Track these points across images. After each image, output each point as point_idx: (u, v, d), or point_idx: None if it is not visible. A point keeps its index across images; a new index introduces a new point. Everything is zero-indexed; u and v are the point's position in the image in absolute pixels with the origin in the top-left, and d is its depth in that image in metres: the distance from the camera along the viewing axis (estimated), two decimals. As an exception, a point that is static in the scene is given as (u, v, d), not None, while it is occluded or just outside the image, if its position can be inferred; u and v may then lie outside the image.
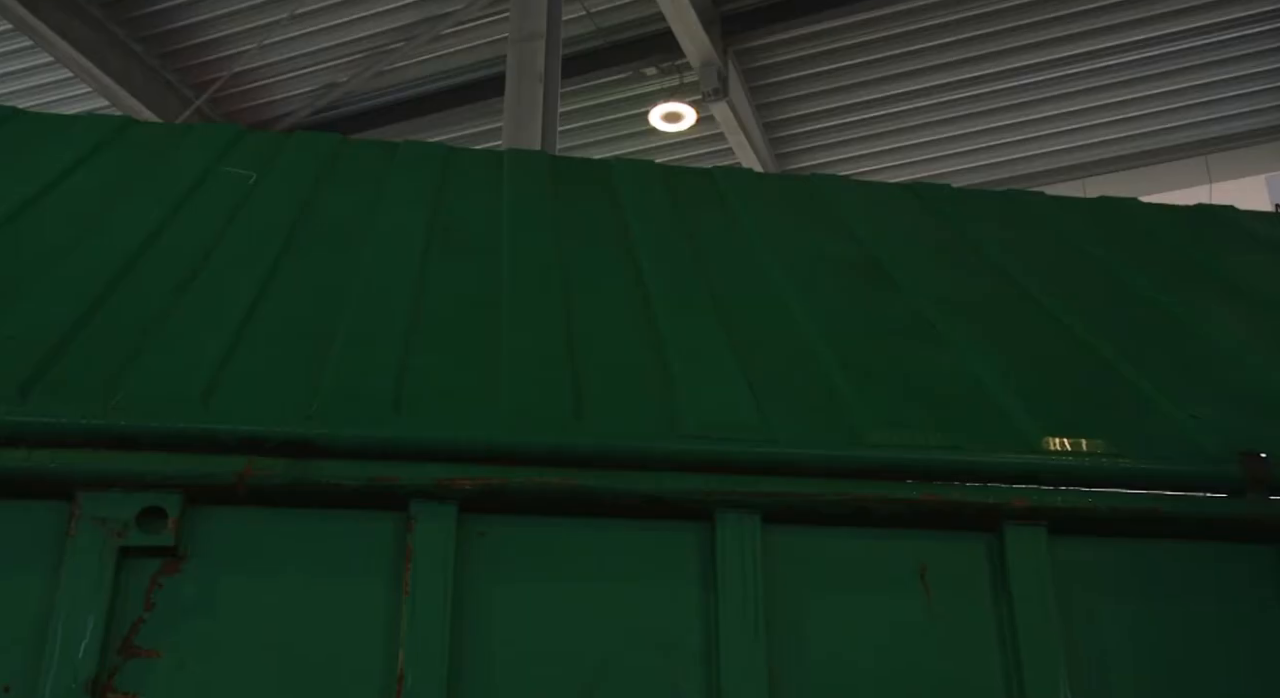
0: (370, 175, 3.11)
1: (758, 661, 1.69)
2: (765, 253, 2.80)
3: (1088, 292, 2.79)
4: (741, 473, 1.83)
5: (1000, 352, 2.35)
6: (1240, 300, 2.82)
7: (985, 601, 1.80)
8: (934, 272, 2.82)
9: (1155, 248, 3.15)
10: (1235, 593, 1.86)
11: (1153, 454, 1.97)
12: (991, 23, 11.80)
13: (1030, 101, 12.51)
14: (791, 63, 12.37)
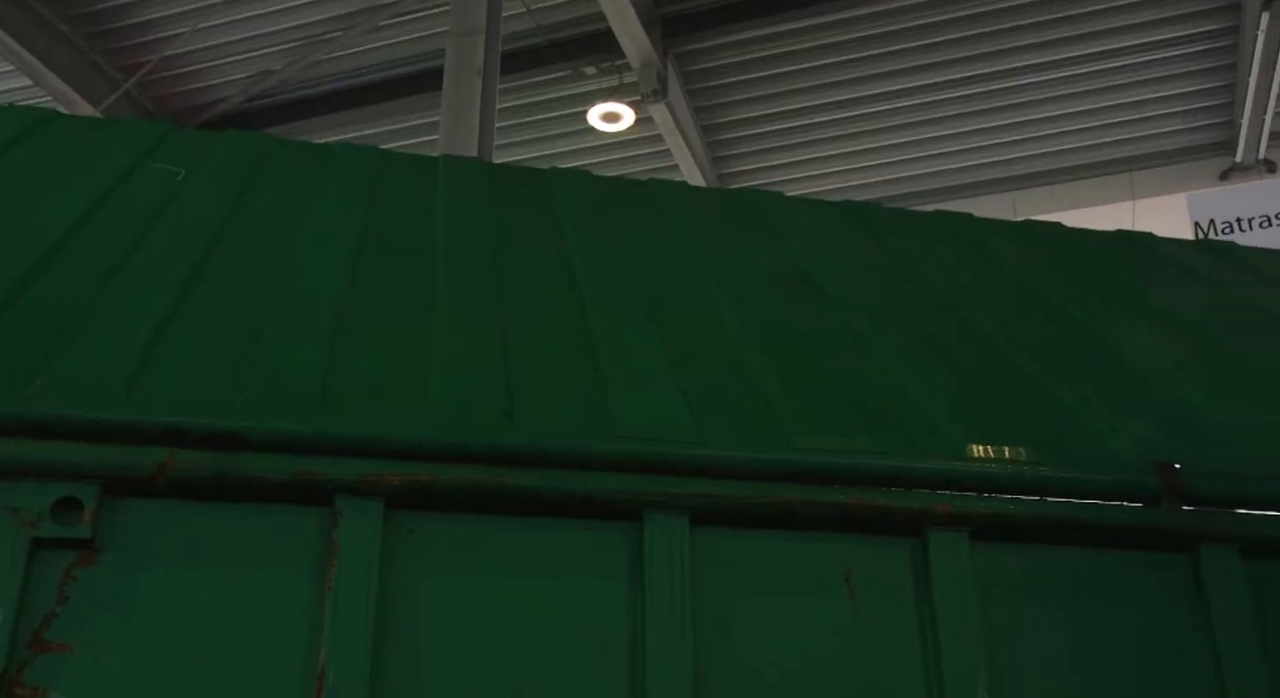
0: (302, 176, 3.07)
1: (683, 660, 1.69)
2: (698, 263, 2.82)
3: (1012, 309, 2.86)
4: (671, 474, 1.84)
5: (927, 363, 2.40)
6: (1158, 321, 2.92)
7: (908, 604, 1.83)
8: (864, 285, 2.88)
9: (1078, 270, 3.23)
10: (1149, 600, 1.91)
11: (1072, 463, 2.01)
12: (925, 36, 11.98)
13: (962, 115, 12.71)
14: (731, 67, 12.44)
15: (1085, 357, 2.58)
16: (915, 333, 2.60)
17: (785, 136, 13.09)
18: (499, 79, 9.51)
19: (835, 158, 13.27)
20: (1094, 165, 12.91)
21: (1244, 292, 3.19)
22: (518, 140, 12.74)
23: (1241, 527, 1.96)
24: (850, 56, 12.19)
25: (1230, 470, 2.06)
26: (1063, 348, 2.61)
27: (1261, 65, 10.98)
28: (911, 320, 2.68)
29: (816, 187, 13.62)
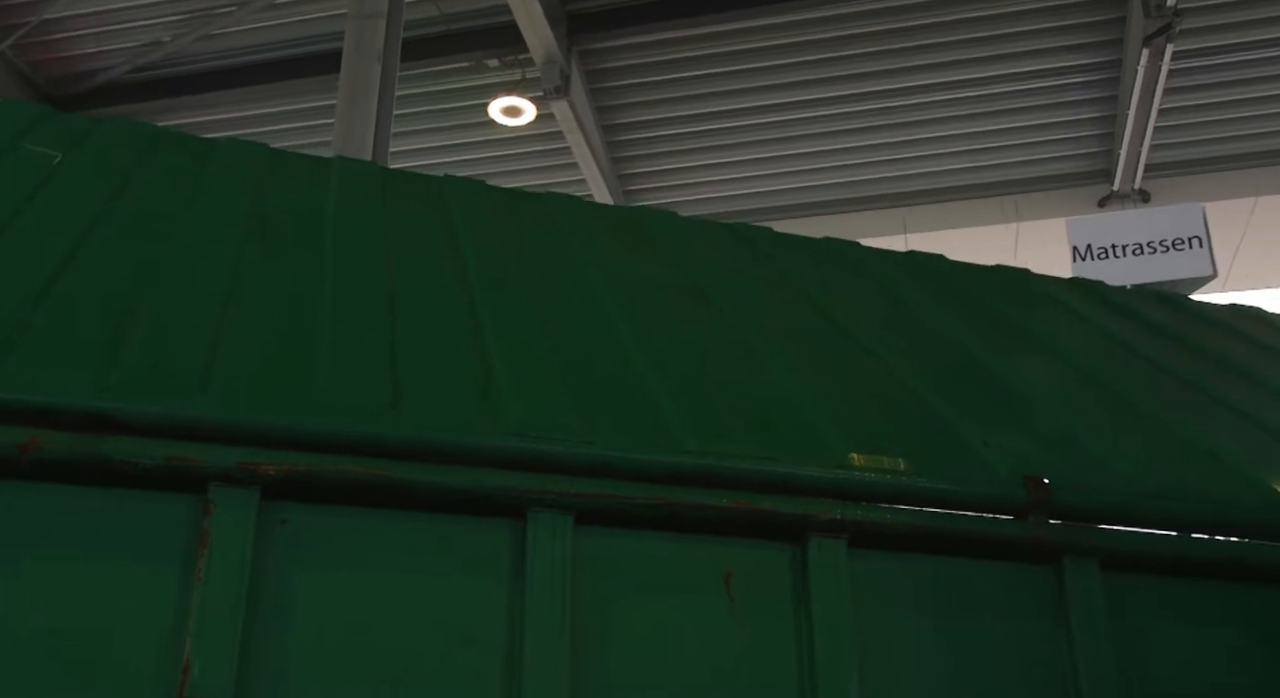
0: (188, 166, 2.97)
1: (561, 660, 1.69)
2: (592, 273, 2.82)
3: (897, 331, 2.95)
4: (557, 473, 1.83)
5: (814, 376, 2.45)
6: (1032, 350, 3.07)
7: (786, 608, 1.85)
8: (754, 301, 2.94)
9: (959, 298, 3.35)
10: (1016, 609, 1.97)
11: (948, 476, 2.06)
12: (825, 51, 12.19)
13: (857, 130, 12.97)
14: (634, 68, 12.48)
15: (965, 379, 2.68)
16: (803, 348, 2.66)
17: (684, 141, 13.19)
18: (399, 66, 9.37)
19: (732, 165, 13.42)
20: (980, 186, 13.31)
21: (1110, 325, 3.36)
22: (416, 129, 12.57)
23: (1102, 541, 2.04)
24: (752, 66, 12.34)
25: (1095, 487, 2.14)
26: (944, 370, 2.71)
27: (1140, 99, 11.46)
28: (799, 336, 2.74)
29: (712, 193, 13.75)
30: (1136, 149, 12.20)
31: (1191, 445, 2.47)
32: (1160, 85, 11.32)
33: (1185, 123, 12.47)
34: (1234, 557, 2.10)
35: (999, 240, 13.36)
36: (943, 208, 13.36)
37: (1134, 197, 12.78)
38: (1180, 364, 3.07)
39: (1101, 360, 3.02)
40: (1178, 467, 2.35)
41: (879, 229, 13.44)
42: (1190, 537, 2.12)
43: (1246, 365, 3.16)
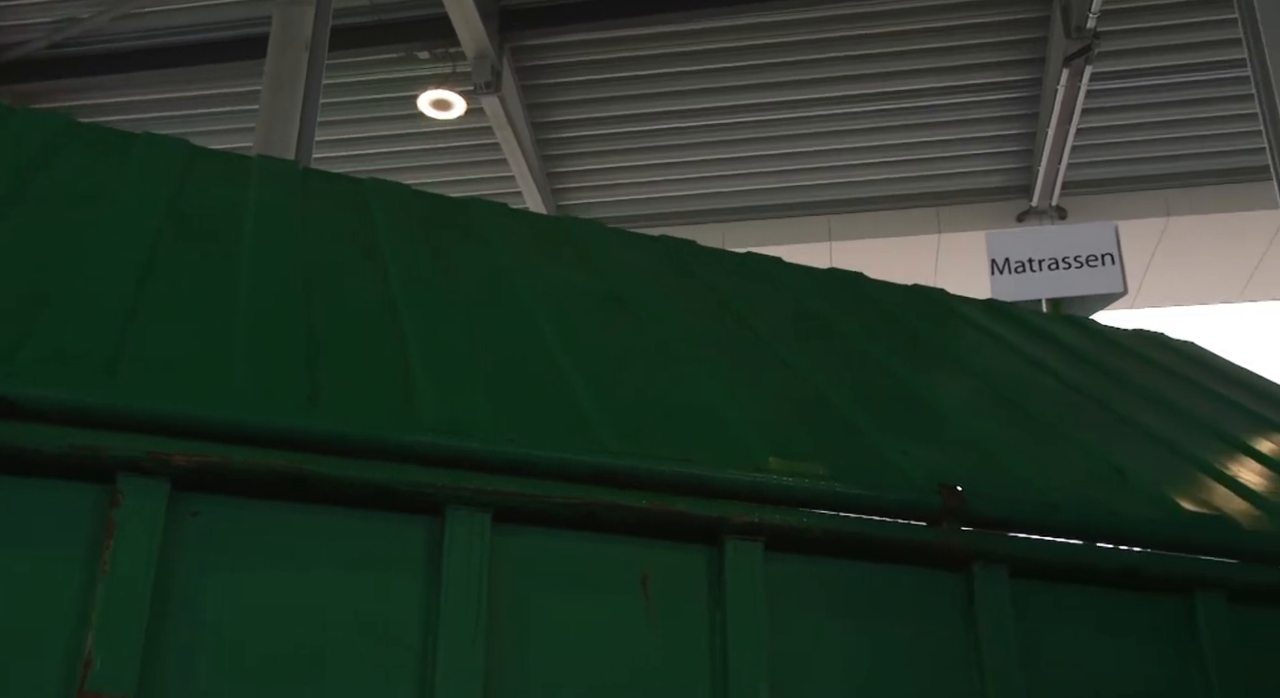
0: (104, 159, 2.88)
1: (475, 658, 1.67)
2: (515, 277, 2.81)
3: (817, 343, 3.00)
4: (476, 470, 1.82)
5: (733, 383, 2.47)
6: (948, 366, 3.13)
7: (701, 610, 1.86)
8: (676, 310, 2.97)
9: (877, 315, 3.42)
10: (927, 614, 2.01)
11: (864, 482, 2.09)
12: (757, 57, 12.29)
13: (784, 137, 13.10)
14: (566, 67, 12.45)
15: (882, 392, 2.73)
16: (723, 356, 2.69)
17: (614, 142, 13.20)
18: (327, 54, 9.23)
19: (660, 168, 13.46)
20: (904, 197, 13.53)
21: (1022, 345, 3.47)
22: (343, 119, 12.39)
23: (1012, 549, 2.08)
24: (683, 69, 12.38)
25: (1006, 496, 2.19)
26: (861, 383, 2.76)
27: (1059, 118, 11.74)
28: (720, 345, 2.78)
29: (640, 194, 13.78)
30: (1055, 166, 12.51)
31: (1098, 460, 2.55)
32: (1079, 105, 11.61)
33: (1102, 143, 12.81)
34: (1135, 567, 2.16)
35: (922, 250, 13.60)
36: (867, 217, 13.56)
37: (1051, 213, 13.11)
38: (1088, 384, 3.18)
39: (1014, 378, 3.11)
40: (1085, 479, 2.42)
41: (804, 236, 13.60)
42: (1095, 546, 2.18)
43: (1149, 386, 3.28)
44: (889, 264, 13.77)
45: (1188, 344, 4.09)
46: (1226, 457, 2.79)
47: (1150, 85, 12.34)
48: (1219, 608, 2.15)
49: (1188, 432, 2.92)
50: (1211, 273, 13.81)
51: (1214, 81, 12.00)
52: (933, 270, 13.93)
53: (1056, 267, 6.80)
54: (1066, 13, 11.06)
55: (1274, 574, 2.25)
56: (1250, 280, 13.89)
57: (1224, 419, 3.12)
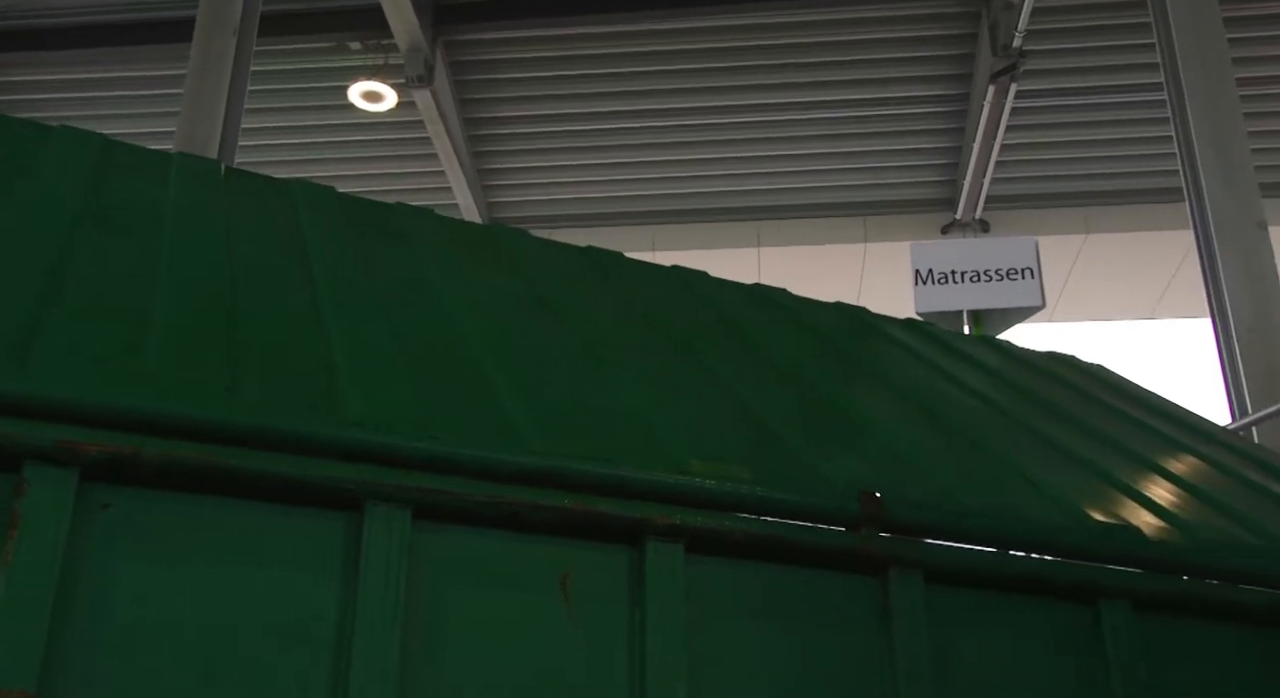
0: (18, 149, 2.79)
1: (391, 657, 1.65)
2: (440, 279, 2.79)
3: (739, 354, 3.04)
4: (396, 466, 1.80)
5: (657, 389, 2.48)
6: (869, 379, 3.21)
7: (621, 611, 1.86)
8: (601, 317, 2.98)
9: (800, 329, 3.47)
10: (844, 619, 2.03)
11: (785, 487, 2.11)
12: (693, 62, 12.34)
13: (714, 142, 13.17)
14: (501, 63, 12.38)
15: (804, 402, 2.77)
16: (648, 363, 2.71)
17: (547, 140, 13.16)
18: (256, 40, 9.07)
19: (593, 168, 13.46)
20: (832, 206, 13.69)
21: (941, 362, 3.54)
22: (271, 107, 12.18)
23: (927, 555, 2.12)
24: (619, 70, 12.40)
25: (923, 504, 2.23)
26: (784, 393, 2.80)
27: (984, 133, 11.98)
28: (644, 352, 2.79)
29: (572, 194, 13.76)
30: (979, 180, 12.76)
31: (1012, 472, 2.60)
32: (1003, 121, 11.86)
33: (1025, 159, 13.09)
34: (1045, 574, 2.21)
35: (849, 258, 13.77)
36: (796, 224, 13.70)
37: (975, 226, 13.36)
38: (1003, 401, 3.27)
39: (933, 394, 3.17)
40: (999, 490, 2.47)
41: (733, 241, 13.70)
42: (1008, 554, 2.22)
43: (1060, 404, 3.38)
44: (816, 271, 13.93)
45: (1097, 367, 4.25)
46: (1133, 472, 2.87)
47: (1073, 105, 12.64)
48: (1124, 616, 2.21)
49: (1096, 448, 3.01)
50: (1126, 290, 14.20)
51: (1133, 104, 12.34)
52: (859, 278, 14.13)
53: (978, 279, 6.93)
54: (994, 31, 11.30)
55: (1176, 584, 2.31)
56: (1162, 299, 14.30)
57: (1131, 437, 3.23)
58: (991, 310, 6.93)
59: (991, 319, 6.97)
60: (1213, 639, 2.31)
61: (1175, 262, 13.03)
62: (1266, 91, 12.07)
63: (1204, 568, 2.37)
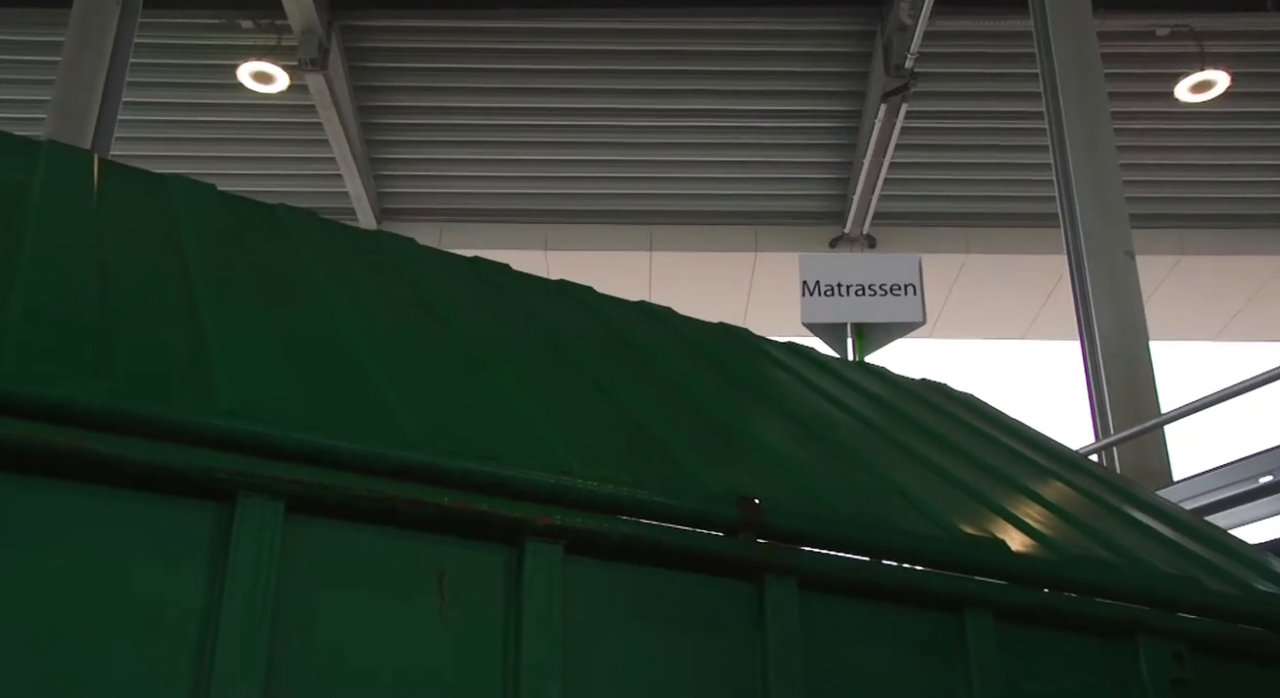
0: None
1: (258, 652, 1.61)
2: (322, 278, 2.73)
3: (624, 366, 3.07)
4: (271, 457, 1.75)
5: (541, 394, 2.48)
6: (751, 395, 3.26)
7: (497, 610, 1.84)
8: (487, 324, 2.97)
9: (686, 345, 3.52)
10: (719, 623, 2.05)
11: (666, 491, 2.12)
12: (594, 63, 12.35)
13: (612, 144, 13.20)
14: (398, 52, 12.20)
15: (687, 413, 2.80)
16: (533, 369, 2.70)
17: (443, 133, 13.02)
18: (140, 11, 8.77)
19: (487, 163, 13.35)
20: (725, 214, 13.84)
21: (820, 383, 3.65)
22: (154, 81, 11.79)
23: (802, 562, 2.15)
24: (518, 67, 12.32)
25: (800, 512, 2.26)
26: (667, 403, 2.83)
27: (875, 151, 12.26)
28: (529, 359, 2.79)
29: (465, 188, 13.63)
30: (868, 197, 13.05)
31: (886, 485, 2.67)
32: (893, 140, 12.16)
33: (913, 178, 13.43)
34: (915, 583, 2.27)
35: (739, 266, 13.94)
36: (688, 230, 13.81)
37: (862, 241, 13.66)
38: (878, 420, 3.37)
39: (812, 412, 3.25)
40: (874, 502, 2.53)
41: (626, 243, 13.74)
42: (880, 563, 2.27)
43: (933, 427, 3.51)
44: (707, 277, 14.07)
45: (968, 395, 4.43)
46: (999, 491, 2.99)
47: (959, 128, 13.02)
48: (987, 625, 2.28)
49: (966, 468, 3.12)
50: (1002, 310, 14.68)
51: (1016, 131, 12.76)
52: (748, 286, 14.31)
53: (863, 293, 7.08)
54: (888, 51, 11.57)
55: (1037, 596, 2.40)
56: (1035, 321, 14.83)
57: (998, 460, 3.37)
58: (875, 324, 7.09)
59: (874, 333, 7.12)
60: (1068, 649, 2.40)
61: (1049, 285, 13.53)
62: (1139, 127, 12.62)
63: (1064, 581, 2.47)
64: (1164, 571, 2.73)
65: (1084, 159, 8.87)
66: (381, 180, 13.44)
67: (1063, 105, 9.14)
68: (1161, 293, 13.57)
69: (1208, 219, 13.79)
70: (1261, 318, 14.74)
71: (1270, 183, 13.71)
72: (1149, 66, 12.18)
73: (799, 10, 11.91)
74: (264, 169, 13.17)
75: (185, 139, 12.73)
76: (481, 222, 13.63)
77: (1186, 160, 13.29)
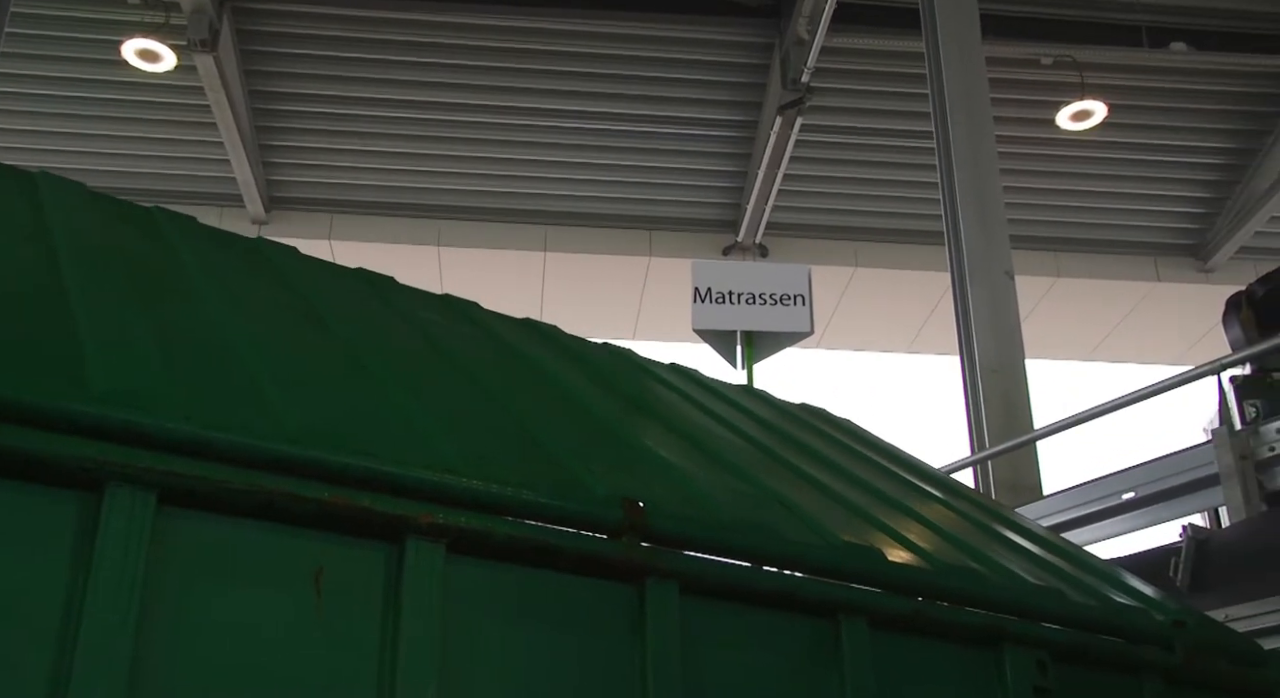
0: None
1: (123, 649, 1.55)
2: (200, 280, 2.65)
3: (512, 374, 3.10)
4: (144, 447, 1.69)
5: (425, 396, 2.46)
6: (636, 407, 3.30)
7: (375, 609, 1.81)
8: (371, 329, 2.95)
9: (572, 357, 3.56)
10: (601, 626, 2.05)
11: (551, 492, 2.12)
12: (492, 59, 12.26)
13: (508, 142, 13.13)
14: (292, 38, 11.95)
15: (575, 421, 2.82)
16: (416, 373, 2.68)
17: (336, 122, 12.78)
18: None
19: (381, 155, 13.16)
20: (621, 218, 13.88)
21: (703, 401, 3.73)
22: (32, 53, 11.33)
23: (684, 566, 2.17)
24: (415, 59, 12.18)
25: (684, 515, 2.28)
26: (556, 412, 2.85)
27: (769, 161, 12.44)
28: (414, 363, 2.78)
29: (357, 179, 13.40)
30: (761, 206, 13.23)
31: (769, 495, 2.72)
32: (788, 151, 12.35)
33: (805, 190, 13.66)
34: (793, 589, 2.30)
35: (633, 270, 13.99)
36: (583, 232, 13.80)
37: (754, 250, 13.84)
38: (761, 438, 3.46)
39: (696, 426, 3.29)
40: (756, 509, 2.57)
41: (520, 242, 13.68)
42: (761, 569, 2.31)
43: (813, 447, 3.61)
44: (600, 279, 14.09)
45: (846, 421, 4.59)
46: (875, 505, 3.08)
47: (852, 143, 13.29)
48: (862, 632, 2.32)
49: (845, 485, 3.22)
50: (888, 323, 15.04)
51: (906, 149, 13.09)
52: (640, 290, 14.37)
53: (753, 301, 7.17)
54: (785, 64, 11.76)
55: (910, 604, 2.46)
56: (919, 335, 15.22)
57: (876, 478, 3.48)
58: (764, 333, 7.18)
59: (763, 341, 7.22)
60: (938, 657, 2.47)
61: (933, 301, 13.91)
62: (1021, 151, 13.06)
63: (937, 590, 2.53)
64: (1030, 582, 2.83)
65: (969, 179, 9.14)
66: (271, 168, 13.12)
67: (950, 126, 9.41)
68: (1038, 313, 14.07)
69: (1083, 243, 14.35)
70: (1131, 340, 15.40)
71: (1142, 211, 14.34)
72: (1033, 93, 12.62)
73: (701, 19, 12.03)
74: (147, 150, 12.76)
75: (66, 115, 12.26)
76: (374, 214, 13.42)
77: (1065, 186, 13.82)
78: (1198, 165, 13.82)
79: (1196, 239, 14.51)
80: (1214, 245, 14.27)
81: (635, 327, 14.99)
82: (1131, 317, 14.96)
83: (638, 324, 14.97)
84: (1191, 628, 2.93)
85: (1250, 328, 6.29)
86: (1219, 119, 13.33)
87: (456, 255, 13.49)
